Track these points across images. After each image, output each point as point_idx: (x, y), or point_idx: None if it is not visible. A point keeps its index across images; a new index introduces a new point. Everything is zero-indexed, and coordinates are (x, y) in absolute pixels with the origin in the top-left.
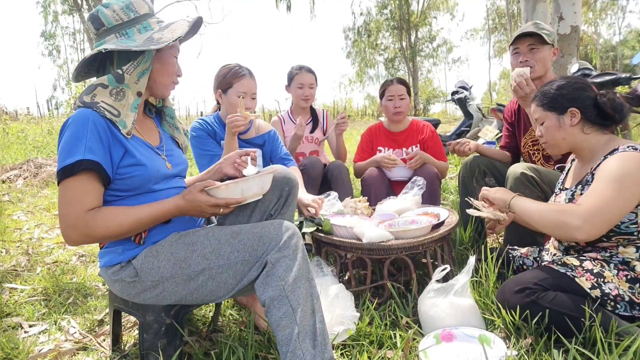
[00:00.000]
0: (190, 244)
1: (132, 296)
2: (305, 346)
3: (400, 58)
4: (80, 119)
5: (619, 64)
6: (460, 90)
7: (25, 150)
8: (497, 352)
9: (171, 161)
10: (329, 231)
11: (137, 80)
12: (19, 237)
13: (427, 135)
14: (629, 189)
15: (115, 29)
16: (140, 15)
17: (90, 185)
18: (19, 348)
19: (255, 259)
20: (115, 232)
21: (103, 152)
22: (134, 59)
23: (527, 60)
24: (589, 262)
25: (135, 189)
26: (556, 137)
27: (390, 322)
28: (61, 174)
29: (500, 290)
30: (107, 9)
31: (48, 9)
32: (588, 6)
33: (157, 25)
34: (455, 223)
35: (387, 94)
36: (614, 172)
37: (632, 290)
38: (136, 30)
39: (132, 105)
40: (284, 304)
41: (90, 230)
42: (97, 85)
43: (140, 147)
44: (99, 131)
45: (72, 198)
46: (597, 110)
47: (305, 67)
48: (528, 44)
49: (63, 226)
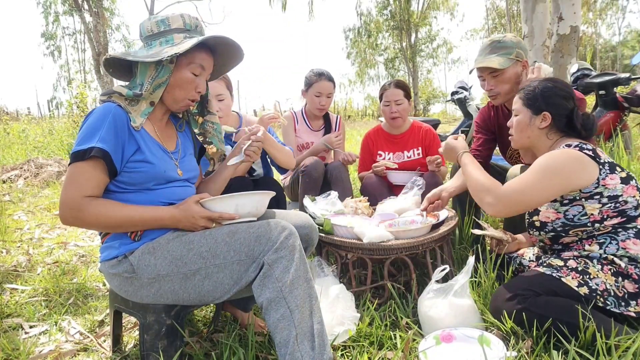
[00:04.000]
0: (187, 242)
1: (130, 293)
2: (304, 348)
3: (400, 58)
4: (103, 110)
5: (618, 64)
6: (460, 91)
7: (26, 151)
8: (497, 353)
9: (182, 167)
10: (329, 231)
11: (153, 92)
12: (20, 237)
13: (429, 142)
14: (549, 179)
15: (146, 40)
16: (170, 29)
17: (95, 173)
18: (19, 349)
19: (252, 260)
20: (103, 224)
21: (115, 145)
22: (150, 71)
23: (492, 88)
24: (573, 261)
25: (138, 184)
26: (522, 133)
27: (391, 323)
28: (73, 156)
29: (492, 299)
30: (148, 21)
31: (49, 9)
32: (588, 6)
33: (181, 40)
34: (455, 223)
35: (384, 98)
36: (539, 163)
37: (617, 284)
38: (158, 43)
39: (143, 112)
40: (282, 306)
41: (82, 215)
42: (115, 92)
43: (152, 148)
44: (117, 125)
45: (75, 180)
46: (567, 120)
47: (326, 75)
48: (489, 72)
49: (60, 205)
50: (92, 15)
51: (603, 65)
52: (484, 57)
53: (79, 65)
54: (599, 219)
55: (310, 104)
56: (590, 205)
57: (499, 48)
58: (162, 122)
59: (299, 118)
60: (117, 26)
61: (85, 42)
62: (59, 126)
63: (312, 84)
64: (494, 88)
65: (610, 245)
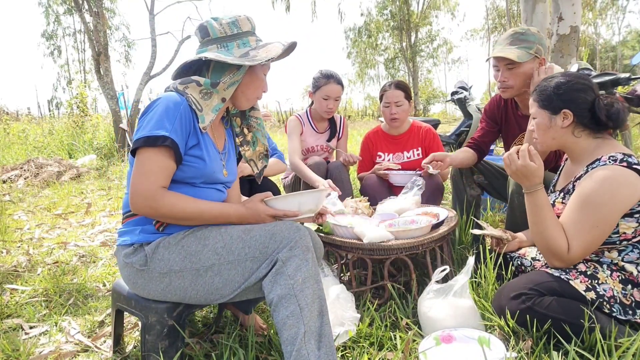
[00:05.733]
0: (202, 238)
1: (138, 286)
2: (311, 347)
3: (400, 58)
4: (174, 101)
5: (618, 64)
6: (460, 91)
7: (26, 151)
8: (497, 354)
9: (228, 169)
10: (329, 231)
11: (226, 89)
12: (20, 237)
13: (430, 142)
14: (606, 219)
15: (219, 41)
16: (243, 32)
17: (168, 162)
18: (19, 350)
19: (265, 257)
20: (176, 215)
21: (182, 139)
22: (229, 71)
23: (505, 80)
24: (582, 264)
25: (187, 178)
26: (546, 135)
27: (391, 324)
28: (144, 141)
29: (496, 297)
30: (216, 22)
31: (49, 9)
32: (588, 6)
33: (255, 43)
34: (455, 222)
35: (384, 99)
36: (590, 201)
37: (625, 292)
38: (236, 45)
39: (215, 107)
40: (292, 303)
41: (157, 206)
42: (193, 80)
43: (209, 146)
44: (185, 119)
45: (150, 170)
46: (591, 115)
47: (335, 77)
48: (505, 63)
49: (133, 194)
50: (92, 15)
51: (603, 65)
52: (504, 47)
53: (79, 65)
54: (630, 237)
55: (317, 105)
56: (626, 224)
57: (521, 40)
58: (217, 121)
59: (305, 121)
60: (117, 26)
61: (85, 42)
62: (59, 126)
63: (320, 87)
64: (507, 81)
65: (630, 253)
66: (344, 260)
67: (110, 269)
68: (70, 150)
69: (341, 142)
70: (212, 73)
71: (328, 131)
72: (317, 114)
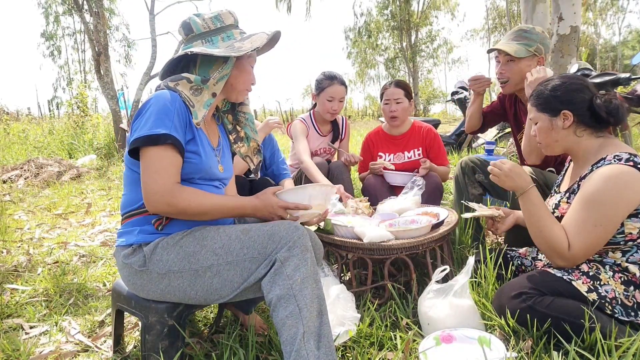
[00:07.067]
0: (201, 239)
1: (138, 287)
2: (310, 347)
3: (400, 58)
4: (169, 98)
5: (619, 64)
6: (460, 91)
7: (26, 151)
8: (497, 354)
9: (223, 165)
10: (330, 231)
11: (216, 83)
12: (20, 237)
13: (430, 141)
14: (609, 219)
15: (203, 36)
16: (226, 25)
17: (176, 158)
18: (19, 350)
19: (264, 257)
20: (193, 210)
21: (182, 135)
22: (217, 65)
23: (503, 72)
24: (585, 265)
25: (184, 175)
26: (548, 138)
27: (391, 323)
28: (146, 140)
29: (496, 296)
30: (198, 18)
31: (49, 9)
32: (587, 6)
33: (239, 35)
34: (455, 222)
35: (384, 97)
36: (594, 199)
37: (627, 293)
38: (220, 39)
39: (206, 103)
40: (291, 303)
41: (175, 201)
42: (183, 77)
43: (204, 141)
44: (181, 114)
45: (161, 168)
46: (590, 113)
47: (338, 79)
48: (505, 55)
49: (149, 193)
50: (92, 15)
51: (603, 65)
52: (506, 41)
53: (79, 65)
54: (635, 238)
55: (320, 107)
56: (632, 224)
57: (523, 37)
58: (209, 117)
59: (309, 124)
60: (117, 26)
61: (85, 42)
62: (59, 126)
63: (324, 88)
64: (505, 73)
65: (635, 254)
66: (344, 260)
67: (110, 269)
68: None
69: (343, 143)
70: (199, 68)
71: (331, 134)
72: (321, 116)
